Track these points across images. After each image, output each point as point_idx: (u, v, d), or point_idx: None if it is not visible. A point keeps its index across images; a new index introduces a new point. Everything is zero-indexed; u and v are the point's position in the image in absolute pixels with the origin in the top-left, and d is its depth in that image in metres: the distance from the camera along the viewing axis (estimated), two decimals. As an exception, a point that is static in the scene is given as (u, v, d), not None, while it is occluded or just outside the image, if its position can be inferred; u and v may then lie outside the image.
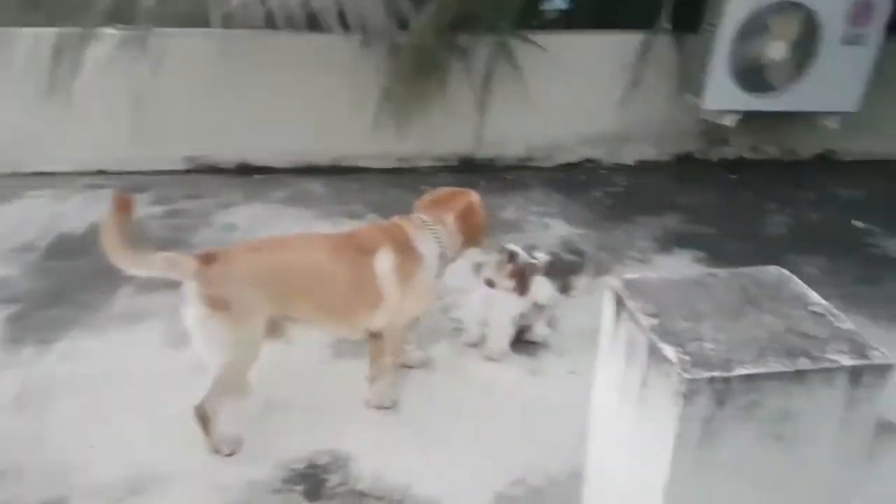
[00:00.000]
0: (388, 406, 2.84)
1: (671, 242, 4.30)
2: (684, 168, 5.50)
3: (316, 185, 5.12)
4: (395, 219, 2.90)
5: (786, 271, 1.77)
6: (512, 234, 4.37)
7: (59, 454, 2.55)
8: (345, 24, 4.31)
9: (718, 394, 1.40)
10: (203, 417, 2.50)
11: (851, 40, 4.69)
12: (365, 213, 4.66)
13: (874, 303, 3.43)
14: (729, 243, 4.27)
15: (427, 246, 2.76)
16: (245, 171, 5.35)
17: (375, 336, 2.76)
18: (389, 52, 4.41)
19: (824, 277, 3.68)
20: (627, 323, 1.69)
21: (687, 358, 1.44)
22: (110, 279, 3.62)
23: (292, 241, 2.84)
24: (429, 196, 3.02)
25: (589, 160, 5.54)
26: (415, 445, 2.63)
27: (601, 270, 3.32)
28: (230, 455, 2.55)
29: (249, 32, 4.39)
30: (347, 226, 4.49)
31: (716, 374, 1.39)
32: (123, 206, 2.31)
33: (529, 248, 3.23)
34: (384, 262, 2.63)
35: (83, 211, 4.59)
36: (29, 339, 3.20)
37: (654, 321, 1.59)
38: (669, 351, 1.47)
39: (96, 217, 4.46)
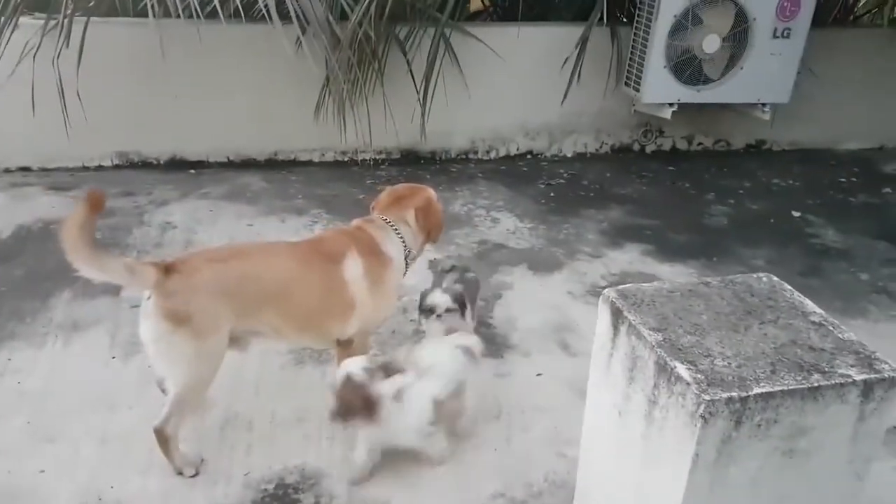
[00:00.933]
0: None
1: (619, 235, 4.37)
2: (623, 159, 5.60)
3: (255, 180, 4.93)
4: (357, 222, 2.82)
5: (776, 278, 1.80)
6: (464, 230, 4.35)
7: (4, 480, 2.37)
8: (283, 13, 4.12)
9: (736, 414, 1.41)
10: (163, 439, 2.36)
11: (781, 34, 4.87)
12: (309, 209, 4.53)
13: (823, 294, 3.59)
14: (675, 235, 4.38)
15: (394, 247, 2.71)
16: (179, 166, 5.09)
17: (344, 343, 2.67)
18: (329, 43, 4.26)
19: (772, 269, 3.78)
20: (628, 337, 1.68)
21: (701, 377, 1.45)
22: (45, 285, 3.48)
23: (257, 250, 2.74)
24: (386, 195, 2.93)
25: (530, 152, 5.56)
26: (389, 458, 2.54)
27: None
28: (194, 476, 2.42)
29: (182, 21, 4.14)
30: (292, 221, 4.36)
31: (734, 394, 1.40)
32: (95, 205, 2.15)
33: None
34: (353, 268, 2.55)
35: (8, 212, 4.27)
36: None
37: (659, 336, 1.58)
38: (682, 370, 1.47)
39: (22, 219, 4.16)
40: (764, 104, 5.10)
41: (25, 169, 4.88)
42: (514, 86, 5.22)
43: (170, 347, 2.26)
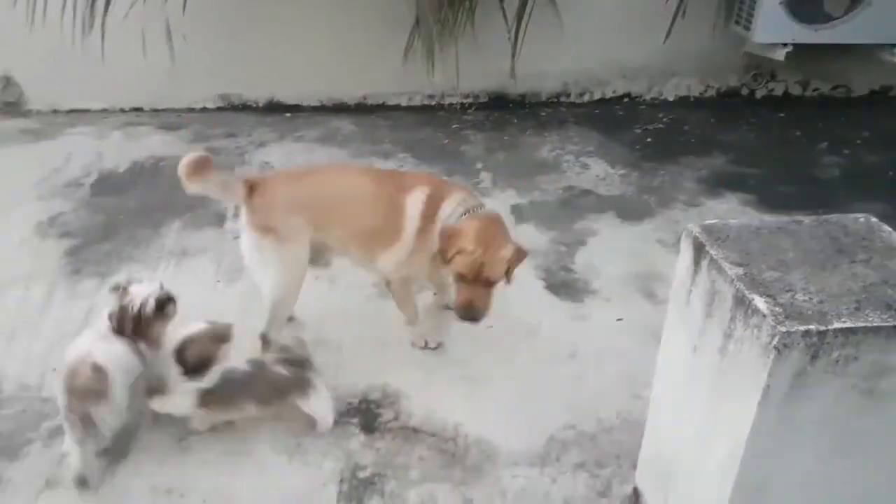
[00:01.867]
0: (433, 347, 2.85)
1: (718, 184, 4.18)
2: (729, 105, 5.30)
3: (346, 124, 5.03)
4: (447, 181, 2.93)
5: (875, 219, 1.68)
6: (550, 175, 4.29)
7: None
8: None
9: (812, 348, 1.34)
10: (265, 343, 2.61)
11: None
12: (395, 153, 4.59)
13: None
14: (779, 186, 4.14)
15: (450, 209, 2.59)
16: (275, 109, 5.27)
17: (388, 283, 2.79)
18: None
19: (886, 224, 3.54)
20: (709, 272, 1.62)
21: (779, 310, 1.39)
22: (157, 215, 3.74)
23: (330, 170, 3.11)
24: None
25: (627, 95, 5.36)
26: (463, 386, 2.64)
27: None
28: None
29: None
30: (379, 165, 4.40)
31: (811, 327, 1.33)
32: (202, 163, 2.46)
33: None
34: (414, 205, 2.57)
35: (123, 149, 4.61)
36: (88, 272, 3.28)
37: (740, 270, 1.52)
38: (760, 302, 1.41)
39: (136, 155, 4.47)
40: (893, 45, 4.65)
41: (138, 109, 5.20)
42: (612, 23, 4.99)
43: (260, 254, 2.54)
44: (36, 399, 2.53)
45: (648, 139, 4.81)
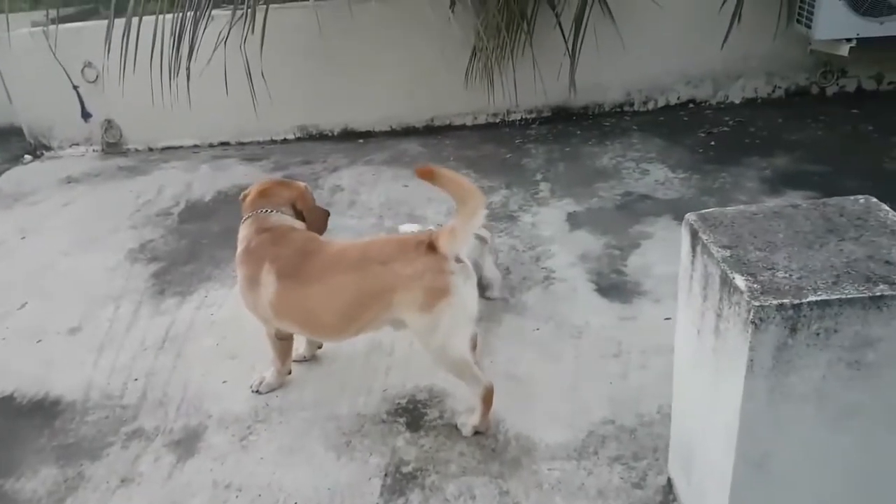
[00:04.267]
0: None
1: (781, 183, 4.09)
2: (798, 104, 5.16)
3: (413, 145, 5.29)
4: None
5: (875, 200, 1.69)
6: (609, 182, 4.34)
7: (197, 387, 2.90)
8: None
9: (790, 321, 1.39)
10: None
11: None
12: (458, 169, 4.73)
13: None
14: (847, 182, 3.99)
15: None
16: (349, 136, 5.62)
17: None
18: (477, 9, 4.44)
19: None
20: (702, 257, 1.69)
21: (756, 286, 1.44)
22: (235, 239, 4.02)
23: None
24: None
25: (692, 101, 5.33)
26: (507, 385, 2.70)
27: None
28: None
29: (341, 2, 4.57)
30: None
31: (785, 301, 1.38)
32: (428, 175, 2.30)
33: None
34: None
35: (209, 179, 5.06)
36: (171, 292, 3.63)
37: (727, 252, 1.58)
38: (740, 280, 1.47)
39: (221, 185, 4.90)
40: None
41: (225, 143, 5.70)
42: (671, 32, 5.04)
43: None
44: (117, 406, 2.83)
45: (712, 142, 4.76)
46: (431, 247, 2.29)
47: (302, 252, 2.50)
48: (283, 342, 2.74)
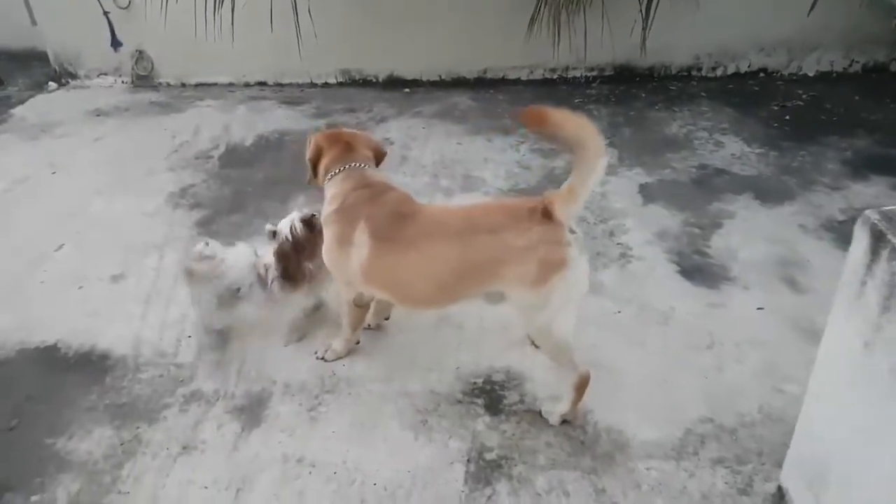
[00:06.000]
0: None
1: (865, 166, 3.84)
2: (876, 80, 4.86)
3: (464, 99, 5.00)
4: None
5: None
6: (681, 153, 4.08)
7: (257, 350, 2.70)
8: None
9: None
10: None
11: None
12: (516, 128, 4.50)
13: None
14: (938, 170, 3.76)
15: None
16: (395, 84, 5.32)
17: None
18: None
19: None
20: (889, 263, 1.47)
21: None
22: (283, 190, 3.83)
23: None
24: None
25: (764, 70, 5.02)
26: (591, 373, 2.51)
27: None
28: None
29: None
30: (499, 141, 4.35)
31: None
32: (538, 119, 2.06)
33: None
34: None
35: (248, 122, 4.78)
36: (219, 241, 3.36)
37: (932, 263, 1.36)
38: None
39: (261, 129, 4.63)
40: None
41: (262, 83, 5.40)
42: (750, -6, 4.69)
43: None
44: (171, 365, 2.64)
45: (787, 116, 4.49)
46: (546, 213, 2.04)
47: (400, 214, 2.25)
48: (359, 310, 2.54)
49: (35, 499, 2.14)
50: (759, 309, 2.81)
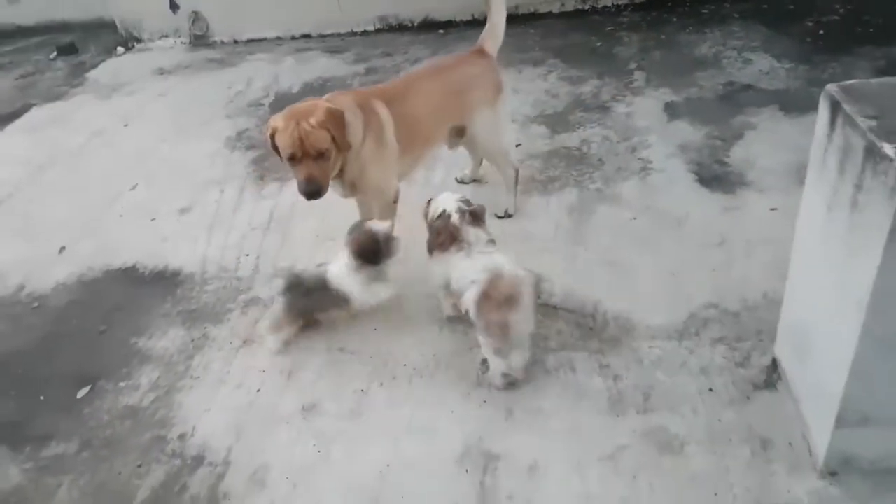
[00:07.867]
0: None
1: (898, 72, 3.82)
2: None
3: (498, 35, 5.12)
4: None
5: None
6: (708, 71, 4.14)
7: (299, 263, 2.99)
8: None
9: (943, 188, 1.34)
10: None
11: None
12: (545, 59, 4.65)
13: None
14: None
15: None
16: (430, 26, 5.50)
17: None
18: None
19: None
20: (843, 129, 1.62)
21: (909, 153, 1.38)
22: None
23: None
24: None
25: (802, -14, 4.94)
26: (603, 271, 2.74)
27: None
28: None
29: None
30: (528, 72, 4.49)
31: (941, 166, 1.33)
32: None
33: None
34: None
35: (295, 71, 5.10)
36: (270, 178, 3.76)
37: (874, 122, 1.51)
38: (889, 148, 1.41)
39: (306, 77, 4.93)
40: None
41: (307, 35, 5.68)
42: None
43: None
44: (233, 278, 3.01)
45: (821, 31, 4.45)
46: (482, 52, 2.95)
47: (394, 93, 2.79)
48: (395, 205, 2.86)
49: (122, 384, 2.55)
50: (772, 209, 2.93)
